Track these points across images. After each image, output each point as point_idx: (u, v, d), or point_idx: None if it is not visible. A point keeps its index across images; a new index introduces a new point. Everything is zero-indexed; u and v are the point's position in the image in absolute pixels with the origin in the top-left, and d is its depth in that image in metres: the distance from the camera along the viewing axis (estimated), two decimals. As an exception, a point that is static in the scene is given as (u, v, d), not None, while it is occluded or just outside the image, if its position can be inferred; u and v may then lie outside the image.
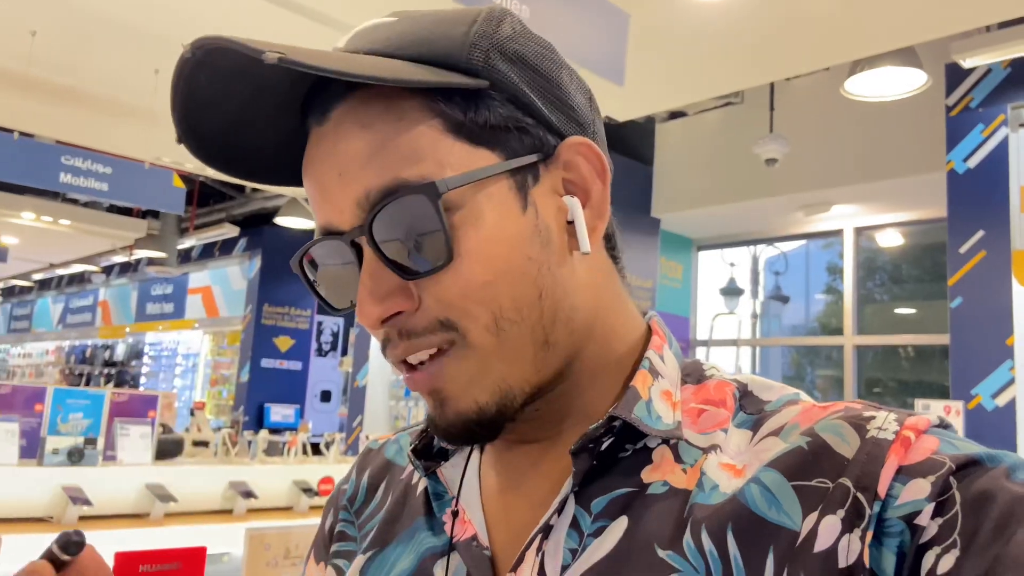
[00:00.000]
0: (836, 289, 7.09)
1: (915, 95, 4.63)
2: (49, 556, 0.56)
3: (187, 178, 6.87)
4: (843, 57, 4.11)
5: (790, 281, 7.88)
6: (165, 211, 6.89)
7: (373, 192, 0.50)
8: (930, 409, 4.76)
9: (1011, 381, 4.73)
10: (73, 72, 4.53)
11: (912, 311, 6.90)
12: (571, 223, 0.55)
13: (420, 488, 0.65)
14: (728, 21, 3.48)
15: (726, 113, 6.72)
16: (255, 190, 8.93)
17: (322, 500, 4.32)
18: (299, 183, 0.57)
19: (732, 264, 7.97)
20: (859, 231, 6.79)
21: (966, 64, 4.30)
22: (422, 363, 0.53)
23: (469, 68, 0.52)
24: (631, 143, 7.07)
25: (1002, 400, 4.74)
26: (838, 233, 6.91)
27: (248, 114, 0.55)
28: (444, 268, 0.50)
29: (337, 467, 4.74)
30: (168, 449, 4.26)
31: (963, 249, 5.03)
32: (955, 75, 5.10)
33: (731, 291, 7.92)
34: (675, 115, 7.00)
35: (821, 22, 3.46)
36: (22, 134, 5.66)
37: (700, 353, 7.71)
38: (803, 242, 7.62)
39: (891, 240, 6.87)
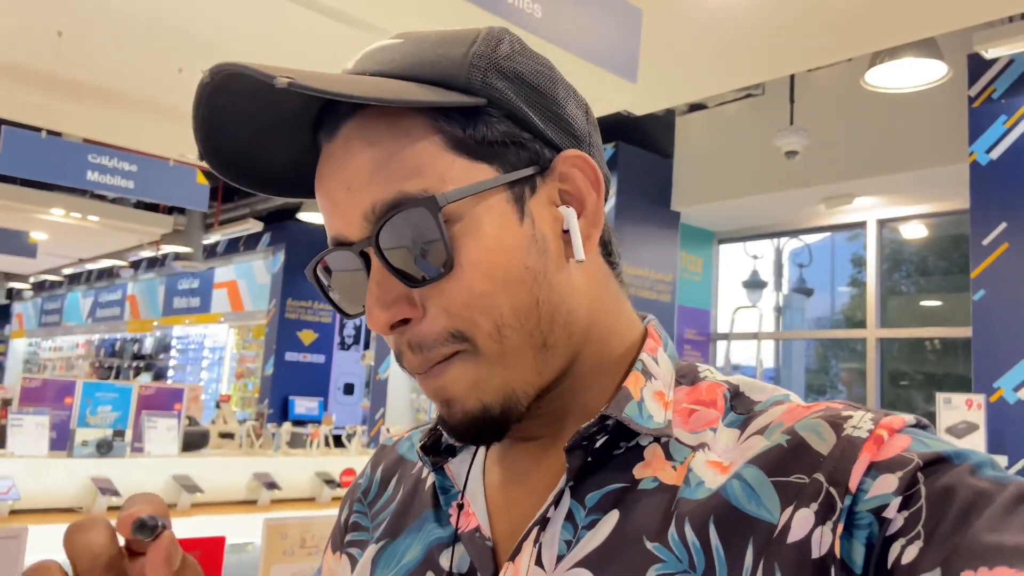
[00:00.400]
0: (861, 281, 7.00)
1: (936, 86, 4.58)
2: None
3: (211, 175, 6.95)
4: (863, 48, 4.07)
5: (814, 273, 7.79)
6: (190, 207, 6.96)
7: (379, 205, 0.54)
8: (951, 403, 4.72)
9: (1034, 374, 4.69)
10: (98, 72, 4.60)
11: (937, 303, 6.81)
12: (567, 232, 0.58)
13: (429, 483, 0.68)
14: (746, 12, 3.47)
15: (746, 105, 6.67)
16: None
17: (343, 491, 4.37)
18: (313, 195, 0.60)
19: (755, 257, 7.91)
20: (882, 223, 6.71)
21: (988, 55, 4.24)
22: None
23: (468, 87, 0.55)
24: (651, 136, 7.03)
25: (1025, 393, 4.69)
26: (861, 225, 6.83)
27: (264, 133, 0.58)
28: (445, 277, 0.53)
29: (359, 459, 4.80)
30: (194, 441, 4.34)
31: (986, 241, 4.97)
32: (977, 66, 5.03)
33: (754, 284, 7.85)
34: (695, 108, 6.95)
35: (841, 13, 3.43)
36: (50, 132, 5.75)
37: (721, 347, 7.67)
38: (828, 234, 7.54)
39: (915, 232, 6.79)
